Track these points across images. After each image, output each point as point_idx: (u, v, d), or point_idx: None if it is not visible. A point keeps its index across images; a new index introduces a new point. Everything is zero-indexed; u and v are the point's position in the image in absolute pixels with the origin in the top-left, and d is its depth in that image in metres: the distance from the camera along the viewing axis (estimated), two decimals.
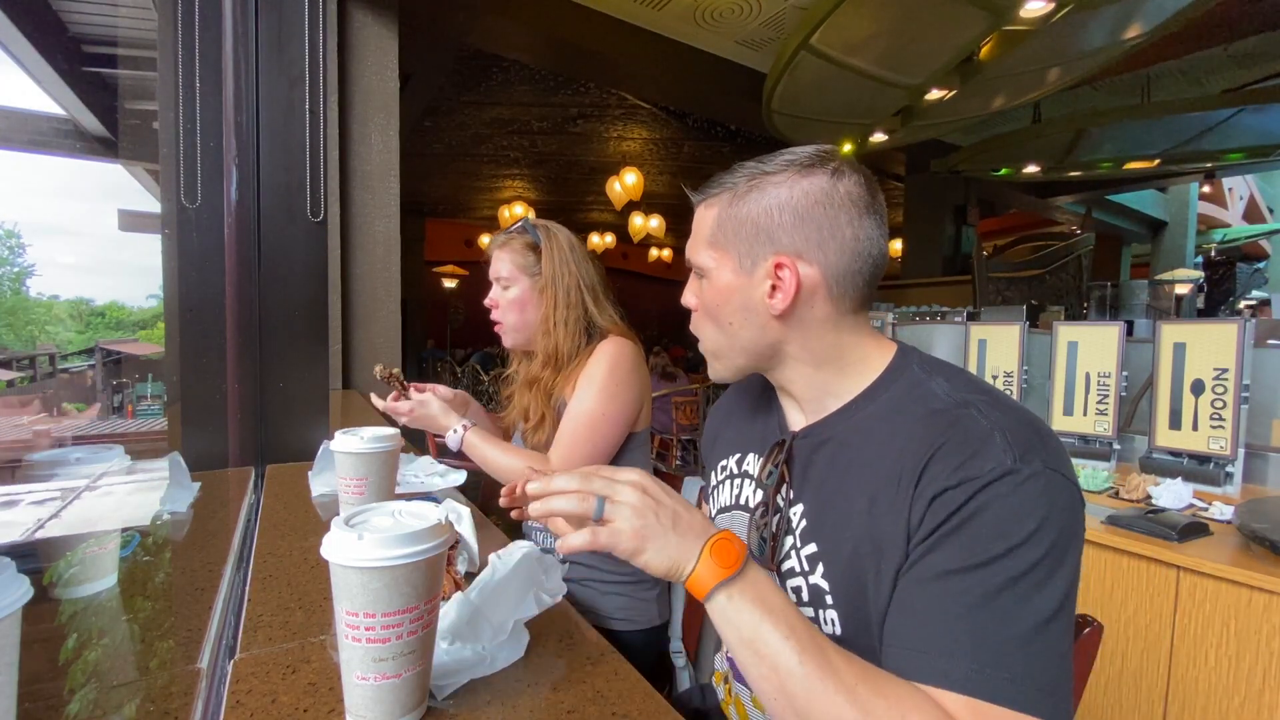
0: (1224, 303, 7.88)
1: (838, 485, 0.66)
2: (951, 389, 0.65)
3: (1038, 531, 0.55)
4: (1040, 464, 0.57)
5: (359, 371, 3.12)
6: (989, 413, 0.61)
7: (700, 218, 0.74)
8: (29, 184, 1.41)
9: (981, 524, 0.55)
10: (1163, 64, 5.12)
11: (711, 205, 0.72)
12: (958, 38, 3.37)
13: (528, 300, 1.35)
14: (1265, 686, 1.32)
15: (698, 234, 0.74)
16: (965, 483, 0.57)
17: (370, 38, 3.09)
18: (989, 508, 0.56)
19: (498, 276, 1.38)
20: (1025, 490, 0.56)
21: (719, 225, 0.71)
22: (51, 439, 1.22)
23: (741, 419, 0.86)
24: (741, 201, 0.69)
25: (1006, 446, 0.58)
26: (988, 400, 0.63)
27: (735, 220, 0.70)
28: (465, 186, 10.09)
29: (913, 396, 0.66)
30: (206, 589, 0.83)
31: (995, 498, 0.56)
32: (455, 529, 0.88)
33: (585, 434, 1.24)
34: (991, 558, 0.54)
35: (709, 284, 0.73)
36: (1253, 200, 12.11)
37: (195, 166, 1.35)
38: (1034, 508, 0.55)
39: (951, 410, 0.62)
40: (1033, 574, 0.54)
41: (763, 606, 0.55)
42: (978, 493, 0.56)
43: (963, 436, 0.59)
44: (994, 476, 0.56)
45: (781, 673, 0.53)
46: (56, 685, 0.54)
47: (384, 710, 0.53)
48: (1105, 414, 2.11)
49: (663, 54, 4.46)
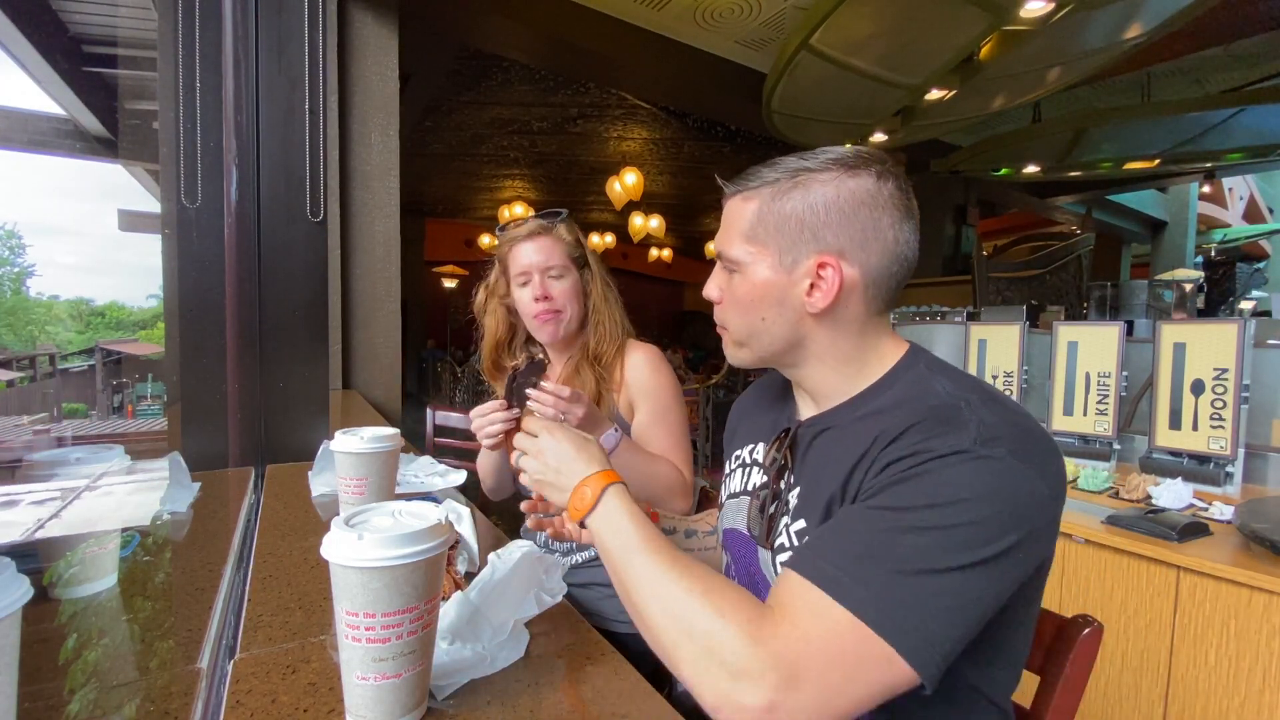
0: (1224, 303, 7.88)
1: (828, 467, 0.69)
2: (954, 388, 0.65)
3: (968, 502, 0.55)
4: (1004, 451, 0.57)
5: (359, 371, 3.12)
6: (978, 408, 0.61)
7: (735, 210, 0.72)
8: (29, 184, 1.41)
9: (919, 483, 0.57)
10: (1163, 64, 5.12)
11: (750, 198, 0.71)
12: (958, 38, 3.37)
13: (580, 290, 1.31)
14: (1265, 686, 1.32)
15: (732, 226, 0.72)
16: (918, 454, 0.59)
17: (370, 38, 3.09)
18: (931, 472, 0.57)
19: (548, 266, 1.27)
20: (971, 467, 0.57)
21: (759, 219, 0.70)
22: (51, 439, 1.22)
23: (758, 413, 0.88)
24: (785, 197, 0.68)
25: (975, 434, 0.58)
26: (983, 398, 0.63)
27: (778, 215, 0.69)
28: (465, 186, 10.09)
29: (914, 392, 0.67)
30: (206, 589, 0.83)
31: (940, 467, 0.57)
32: (455, 529, 0.88)
33: (686, 443, 1.28)
34: (912, 507, 0.56)
35: (742, 278, 0.72)
36: (1253, 200, 12.10)
37: (195, 166, 1.35)
38: (974, 482, 0.56)
39: (945, 404, 0.63)
40: (948, 533, 0.54)
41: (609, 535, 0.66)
42: (925, 461, 0.58)
43: (937, 419, 0.61)
44: (946, 451, 0.58)
45: (620, 573, 0.63)
46: (56, 685, 0.54)
47: (384, 710, 0.53)
48: (1105, 414, 2.11)
49: (663, 54, 4.46)
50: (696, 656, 0.55)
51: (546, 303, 1.27)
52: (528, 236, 1.29)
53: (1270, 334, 1.94)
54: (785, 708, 0.51)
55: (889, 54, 3.65)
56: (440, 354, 11.03)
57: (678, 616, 0.57)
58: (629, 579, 0.62)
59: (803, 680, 0.51)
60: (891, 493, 0.58)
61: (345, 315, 3.05)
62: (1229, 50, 4.88)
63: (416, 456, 1.53)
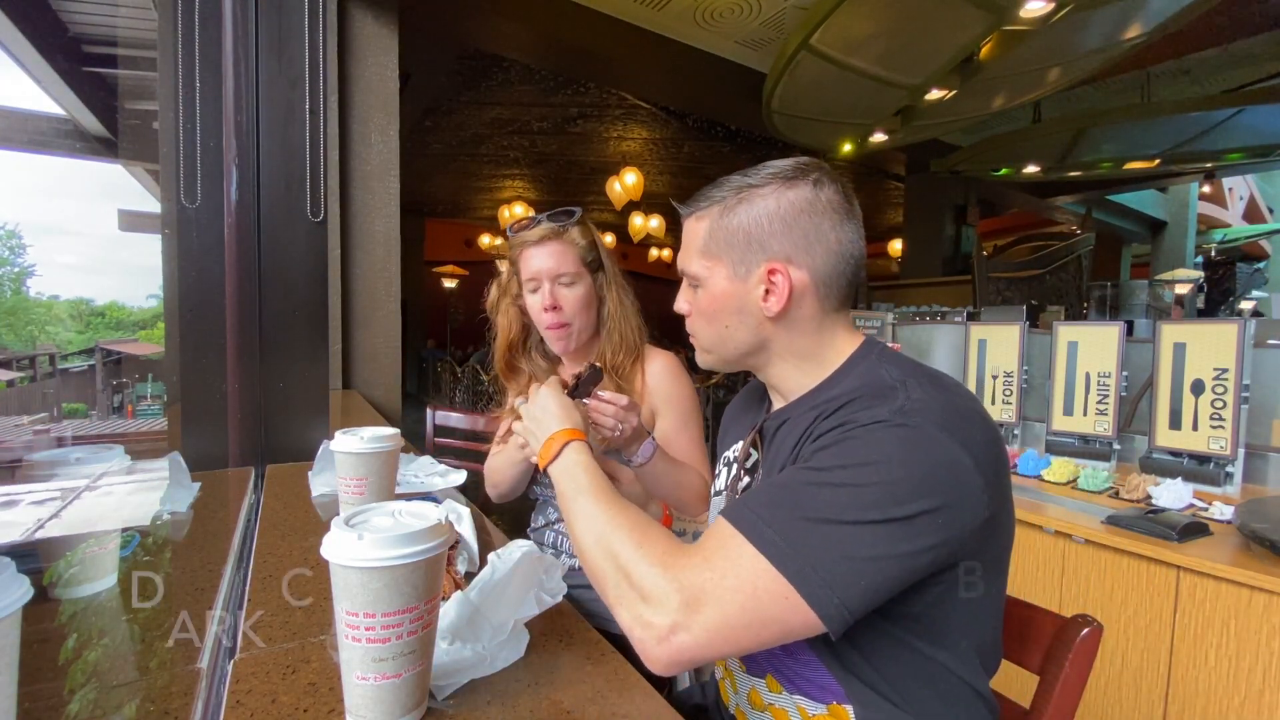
0: (1224, 303, 7.88)
1: (781, 453, 0.74)
2: (899, 373, 0.69)
3: (880, 464, 0.59)
4: (922, 421, 0.61)
5: (359, 371, 3.12)
6: (913, 388, 0.65)
7: (691, 230, 0.79)
8: (29, 184, 1.41)
9: (839, 448, 0.62)
10: (1163, 64, 5.12)
11: (702, 218, 0.77)
12: (958, 38, 3.37)
13: (594, 297, 1.25)
14: (1265, 686, 1.32)
15: (689, 245, 0.79)
16: (845, 424, 0.64)
17: (370, 38, 3.09)
18: (851, 439, 0.62)
19: (559, 272, 1.21)
20: (889, 434, 0.60)
21: (710, 236, 0.76)
22: (51, 439, 1.22)
23: (743, 414, 0.94)
24: (731, 213, 0.74)
25: (899, 405, 0.62)
26: (921, 380, 0.67)
27: (726, 230, 0.75)
28: (465, 186, 10.09)
29: (864, 381, 0.71)
30: (206, 589, 0.83)
31: (862, 434, 0.62)
32: (455, 529, 0.88)
33: (703, 446, 1.28)
34: (829, 467, 0.61)
35: (704, 291, 0.78)
36: (1253, 200, 12.10)
37: (195, 166, 1.35)
38: (888, 449, 0.60)
39: (883, 384, 0.67)
40: (858, 491, 0.58)
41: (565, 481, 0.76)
42: (849, 430, 0.63)
43: (870, 395, 0.66)
44: (868, 421, 0.62)
45: (569, 515, 0.73)
46: (56, 685, 0.54)
47: (384, 710, 0.53)
48: (1105, 414, 2.11)
49: (663, 54, 4.45)
50: (618, 582, 0.63)
51: (555, 314, 1.22)
52: (538, 241, 1.22)
53: (1270, 334, 1.94)
54: (686, 628, 0.57)
55: (889, 54, 3.65)
56: (440, 354, 11.03)
57: (606, 549, 0.66)
58: (574, 519, 0.72)
59: (704, 605, 0.57)
60: (815, 457, 0.63)
61: (345, 315, 3.05)
62: (1229, 50, 4.89)
63: (416, 456, 1.53)
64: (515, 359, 1.38)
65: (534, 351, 1.38)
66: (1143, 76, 5.28)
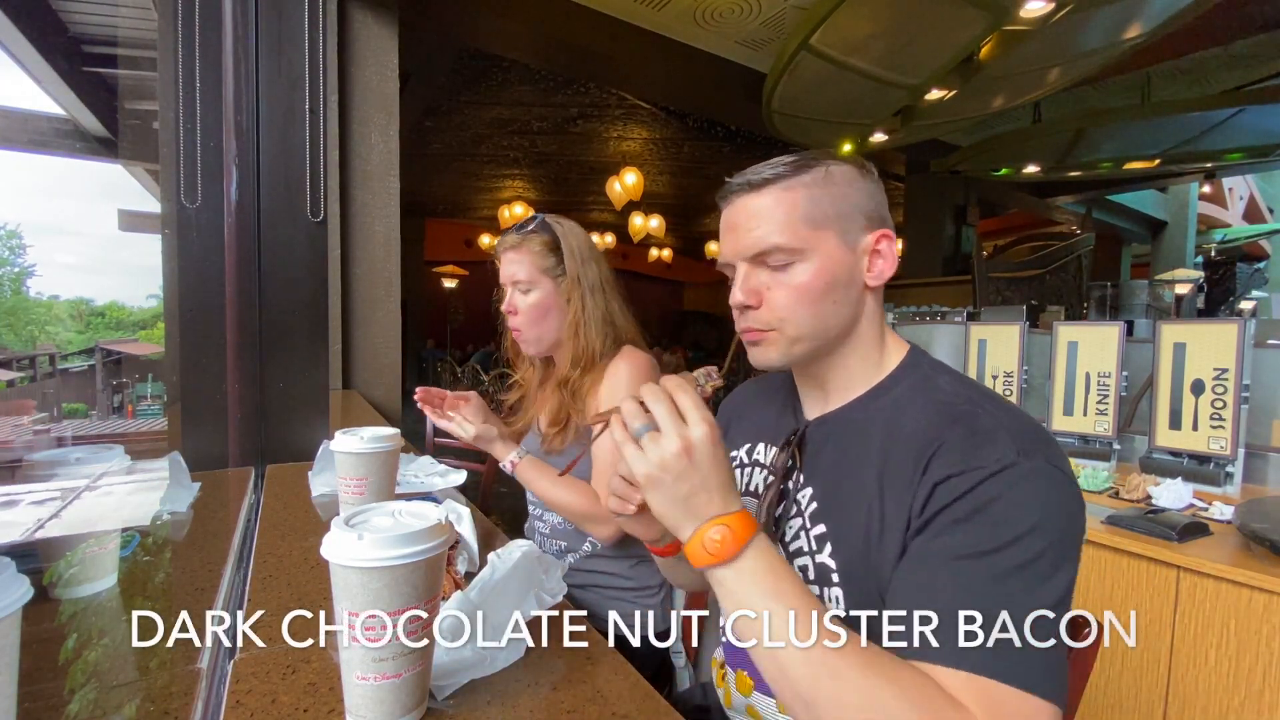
0: (1224, 303, 7.88)
1: (848, 470, 0.69)
2: (958, 388, 0.69)
3: (1042, 523, 0.56)
4: (1043, 460, 0.59)
5: (359, 371, 3.12)
6: (994, 412, 0.64)
7: (776, 202, 0.70)
8: (29, 184, 1.41)
9: (990, 513, 0.57)
10: (1163, 64, 5.12)
11: (792, 188, 0.70)
12: (958, 38, 3.37)
13: (551, 304, 1.26)
14: (1265, 686, 1.32)
15: (780, 217, 0.70)
16: (969, 471, 0.59)
17: (370, 38, 3.09)
18: (997, 498, 0.57)
19: (515, 280, 1.26)
20: (1029, 483, 0.58)
21: (814, 202, 0.70)
22: (51, 439, 1.22)
23: (755, 413, 0.88)
24: (829, 181, 0.70)
25: (1010, 442, 0.60)
26: (990, 400, 0.66)
27: (832, 197, 0.70)
28: (465, 186, 10.09)
29: (922, 391, 0.69)
30: (206, 589, 0.83)
31: (1002, 488, 0.58)
32: (455, 529, 0.88)
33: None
34: (1000, 544, 0.56)
35: (808, 265, 0.70)
36: (1253, 200, 12.10)
37: (195, 166, 1.35)
38: (1038, 500, 0.57)
39: (958, 406, 0.65)
40: (1038, 564, 0.56)
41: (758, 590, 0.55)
42: (982, 482, 0.58)
43: (968, 430, 0.62)
44: (997, 467, 0.58)
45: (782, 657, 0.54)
46: (56, 685, 0.54)
47: (384, 710, 0.53)
48: (1105, 414, 2.11)
49: (663, 54, 4.46)
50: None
51: (513, 319, 1.27)
52: (505, 248, 1.29)
53: (1270, 334, 1.94)
54: None
55: (889, 54, 3.65)
56: (440, 354, 11.03)
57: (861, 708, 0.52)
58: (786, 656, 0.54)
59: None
60: (968, 530, 0.57)
61: (345, 315, 3.05)
62: (1229, 50, 4.89)
63: (416, 456, 1.53)
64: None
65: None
66: (1143, 76, 5.27)
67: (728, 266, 0.75)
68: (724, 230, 0.75)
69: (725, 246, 0.74)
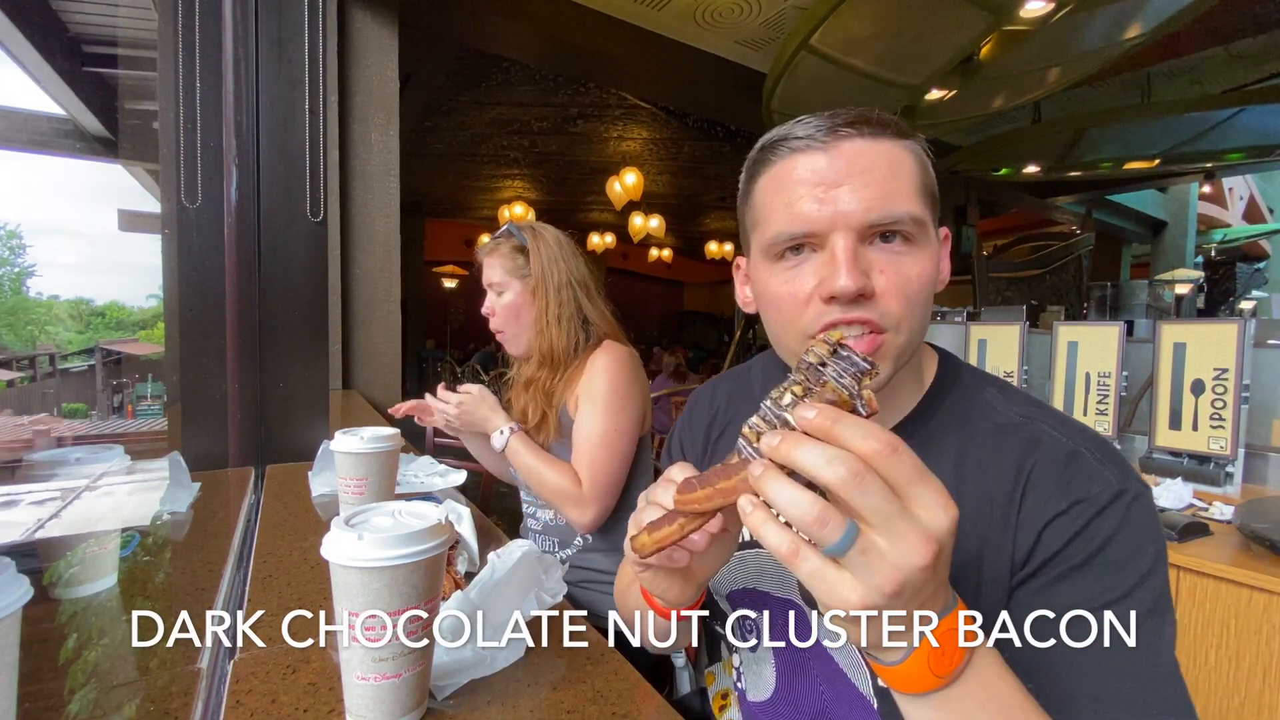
0: (1224, 303, 7.89)
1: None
2: (1006, 400, 0.61)
3: (1157, 557, 0.52)
4: (1136, 481, 0.54)
5: (359, 371, 3.12)
6: (1060, 428, 0.57)
7: (891, 156, 0.55)
8: (29, 184, 1.41)
9: (1110, 554, 0.51)
10: (1163, 64, 5.12)
11: (908, 148, 0.56)
12: (958, 38, 3.37)
13: (523, 304, 1.34)
14: (1265, 686, 1.32)
15: (898, 177, 0.54)
16: (1076, 505, 0.52)
17: (370, 38, 3.09)
18: (1114, 535, 0.51)
19: (490, 283, 1.36)
20: (1138, 512, 0.52)
21: (925, 173, 0.57)
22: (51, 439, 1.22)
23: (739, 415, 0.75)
24: (925, 155, 0.59)
25: (1100, 463, 0.54)
26: (1049, 414, 0.59)
27: (930, 173, 0.58)
28: (465, 186, 10.09)
29: (972, 409, 0.61)
30: (206, 589, 0.83)
31: (1117, 523, 0.52)
32: (455, 529, 0.88)
33: (604, 453, 1.23)
34: (1128, 589, 0.50)
35: (916, 251, 0.55)
36: (1253, 200, 12.10)
37: (195, 166, 1.35)
38: (1149, 530, 0.52)
39: (1021, 425, 0.58)
40: (1160, 602, 0.51)
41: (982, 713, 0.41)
42: (1095, 518, 0.52)
43: (1051, 455, 0.55)
44: (1107, 500, 0.52)
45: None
46: (56, 685, 0.54)
47: (384, 710, 0.53)
48: (1105, 414, 2.11)
49: (663, 54, 4.45)
50: None
51: (492, 319, 1.37)
52: (482, 255, 1.38)
53: (1270, 334, 1.94)
54: None
55: (889, 54, 3.65)
56: (440, 354, 11.03)
57: None
58: None
59: None
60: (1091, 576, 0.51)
61: (345, 315, 3.05)
62: (1229, 50, 4.88)
63: (416, 456, 1.53)
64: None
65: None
66: (1143, 76, 5.28)
67: (803, 239, 0.55)
68: (802, 185, 0.54)
69: (811, 207, 0.53)
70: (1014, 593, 0.53)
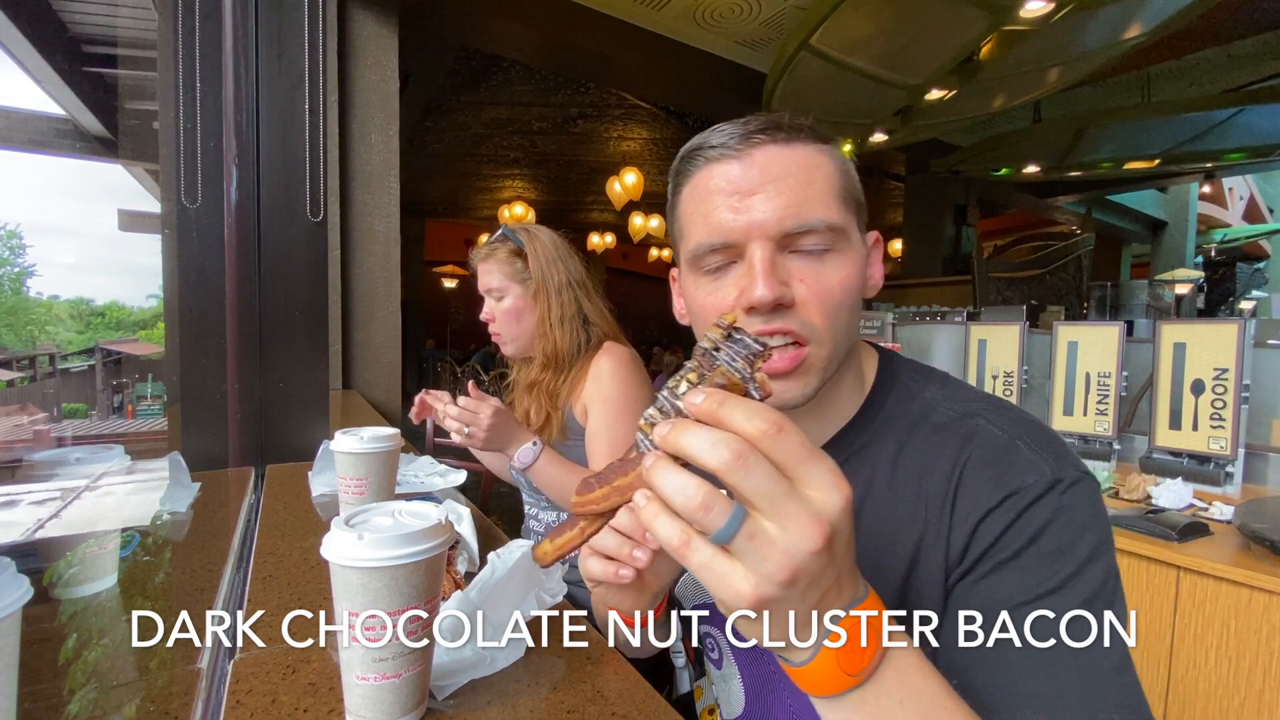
0: (1224, 303, 7.89)
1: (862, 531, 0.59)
2: (946, 397, 0.61)
3: (1098, 544, 0.51)
4: (1073, 468, 0.53)
5: (359, 371, 3.12)
6: (997, 420, 0.57)
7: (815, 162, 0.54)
8: (29, 184, 1.41)
9: (1044, 544, 0.50)
10: (1163, 64, 5.12)
11: (824, 153, 0.55)
12: (958, 38, 3.37)
13: (523, 308, 1.33)
14: (1265, 686, 1.32)
15: (816, 185, 0.53)
16: (1010, 497, 0.52)
17: (370, 38, 3.09)
18: (1048, 525, 0.51)
19: (489, 289, 1.35)
20: (1074, 500, 0.52)
21: (846, 176, 0.56)
22: (51, 439, 1.22)
23: None
24: (844, 158, 0.57)
25: (1035, 454, 0.53)
26: (988, 407, 0.59)
27: (851, 176, 0.57)
28: (465, 186, 10.09)
29: (911, 410, 0.61)
30: (206, 589, 0.83)
31: (1050, 512, 0.51)
32: (455, 529, 0.88)
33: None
34: (1065, 579, 0.49)
35: (840, 258, 0.54)
36: (1253, 200, 12.10)
37: (195, 166, 1.35)
38: (1086, 517, 0.51)
39: (958, 422, 0.58)
40: (1104, 590, 0.50)
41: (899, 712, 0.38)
42: (1027, 509, 0.51)
43: (985, 449, 0.54)
44: (1041, 490, 0.51)
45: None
46: (56, 685, 0.54)
47: (384, 710, 0.53)
48: (1105, 414, 2.11)
49: (663, 54, 4.46)
50: None
51: (491, 324, 1.35)
52: (478, 261, 1.36)
53: (1270, 334, 1.94)
54: None
55: (889, 54, 3.65)
56: (440, 354, 11.03)
57: None
58: None
59: None
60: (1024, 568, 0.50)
61: (345, 315, 3.05)
62: (1229, 50, 4.89)
63: (416, 456, 1.53)
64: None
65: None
66: (1143, 76, 5.28)
67: (722, 250, 0.55)
68: (718, 195, 0.54)
69: (727, 217, 0.53)
70: (951, 590, 0.53)
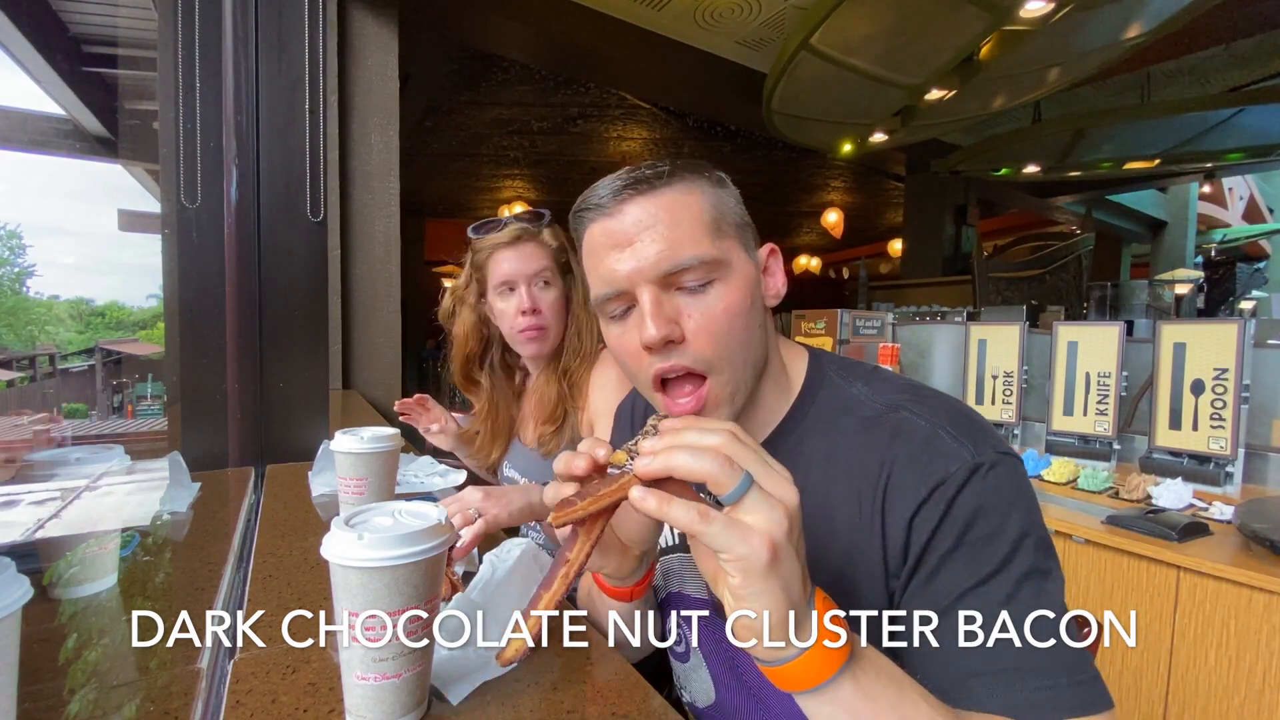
0: (1224, 303, 7.89)
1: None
2: (873, 392, 0.63)
3: (1026, 520, 0.54)
4: (991, 450, 0.56)
5: (359, 371, 3.12)
6: (920, 410, 0.59)
7: (679, 203, 0.59)
8: (29, 184, 1.41)
9: (977, 530, 0.53)
10: (1163, 64, 5.12)
11: (690, 191, 0.60)
12: (958, 38, 3.37)
13: (563, 300, 1.22)
14: (1265, 686, 1.32)
15: (689, 222, 0.59)
16: (937, 490, 0.54)
17: (370, 38, 3.09)
18: (978, 511, 0.53)
19: (534, 273, 1.17)
20: (995, 481, 0.54)
21: (718, 208, 0.61)
22: (51, 439, 1.22)
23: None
24: (720, 187, 0.62)
25: (957, 441, 0.56)
26: (912, 398, 0.61)
27: (728, 203, 0.62)
28: (465, 186, 10.09)
29: (838, 407, 0.63)
30: (206, 589, 0.83)
31: (977, 497, 0.54)
32: (455, 529, 0.88)
33: None
34: (1003, 560, 0.53)
35: (724, 285, 0.59)
36: (1253, 200, 12.09)
37: (195, 166, 1.35)
38: (1010, 496, 0.55)
39: (884, 416, 0.60)
40: (1038, 563, 0.53)
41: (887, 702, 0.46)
42: (955, 498, 0.54)
43: (909, 443, 0.57)
44: (964, 477, 0.54)
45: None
46: (56, 685, 0.54)
47: (384, 710, 0.53)
48: (1105, 414, 2.11)
49: (663, 54, 4.45)
50: None
51: (534, 317, 1.17)
52: (511, 243, 1.18)
53: (1270, 334, 1.94)
54: None
55: (889, 54, 3.65)
56: (440, 354, 11.03)
57: None
58: None
59: None
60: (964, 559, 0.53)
61: (345, 315, 3.05)
62: (1229, 50, 4.89)
63: (416, 456, 1.53)
64: (473, 371, 1.37)
65: (495, 364, 1.37)
66: (1143, 76, 5.28)
67: (617, 298, 0.60)
68: (604, 250, 0.61)
69: (613, 268, 0.59)
70: (904, 590, 0.56)
